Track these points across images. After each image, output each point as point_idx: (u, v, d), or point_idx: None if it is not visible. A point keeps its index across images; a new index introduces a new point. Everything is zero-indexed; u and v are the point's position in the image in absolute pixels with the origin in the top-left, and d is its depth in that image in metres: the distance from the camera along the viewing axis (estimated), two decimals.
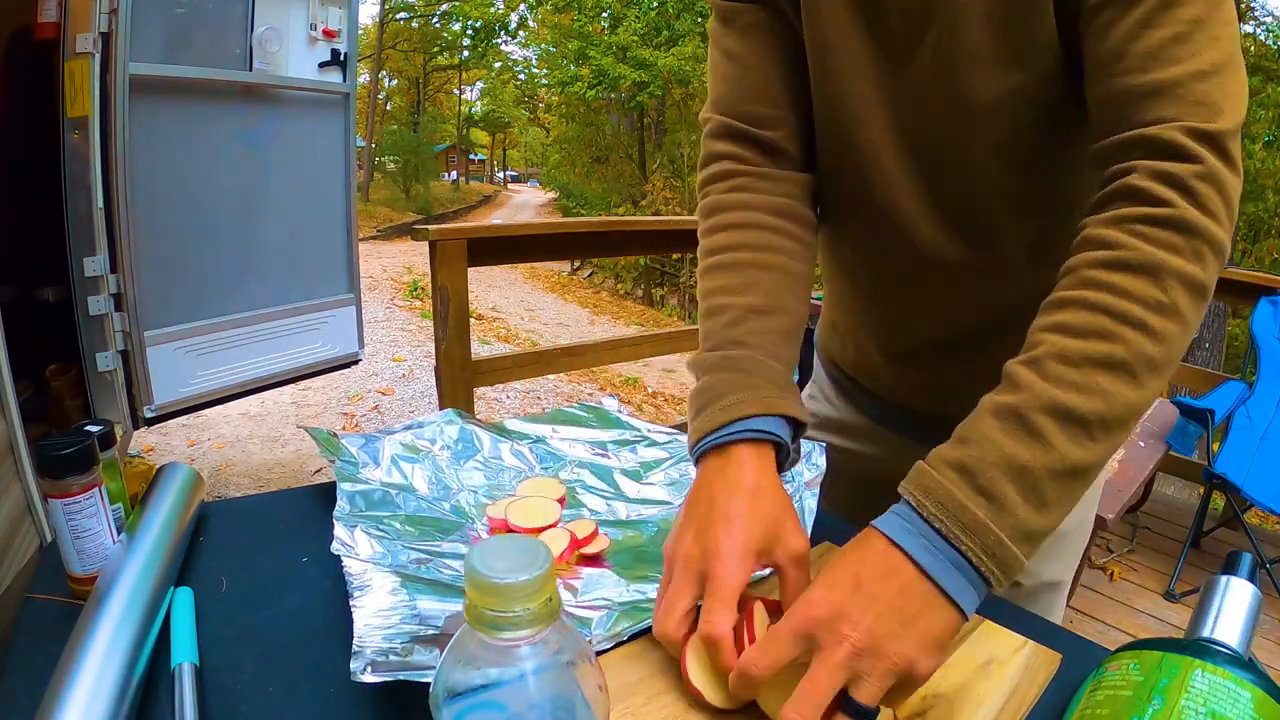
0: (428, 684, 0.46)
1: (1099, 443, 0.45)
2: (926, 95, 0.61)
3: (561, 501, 0.73)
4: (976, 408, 0.48)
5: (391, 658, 0.46)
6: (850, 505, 0.81)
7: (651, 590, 0.60)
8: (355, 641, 0.47)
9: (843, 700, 0.41)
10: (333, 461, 0.74)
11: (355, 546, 0.60)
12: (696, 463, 0.57)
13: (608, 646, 0.54)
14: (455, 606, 0.53)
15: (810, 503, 0.70)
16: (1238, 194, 0.48)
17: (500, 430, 0.88)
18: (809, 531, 0.66)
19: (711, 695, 0.47)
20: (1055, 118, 0.58)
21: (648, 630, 0.56)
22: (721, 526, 0.51)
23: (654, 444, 0.89)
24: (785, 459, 0.58)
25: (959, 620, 0.43)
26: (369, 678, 0.44)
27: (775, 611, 0.50)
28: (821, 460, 0.74)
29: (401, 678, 0.44)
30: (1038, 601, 0.75)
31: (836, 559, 0.46)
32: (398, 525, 0.66)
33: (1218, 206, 0.47)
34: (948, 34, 0.57)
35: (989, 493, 0.44)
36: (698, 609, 0.49)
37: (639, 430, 0.93)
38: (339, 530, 0.61)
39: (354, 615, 0.50)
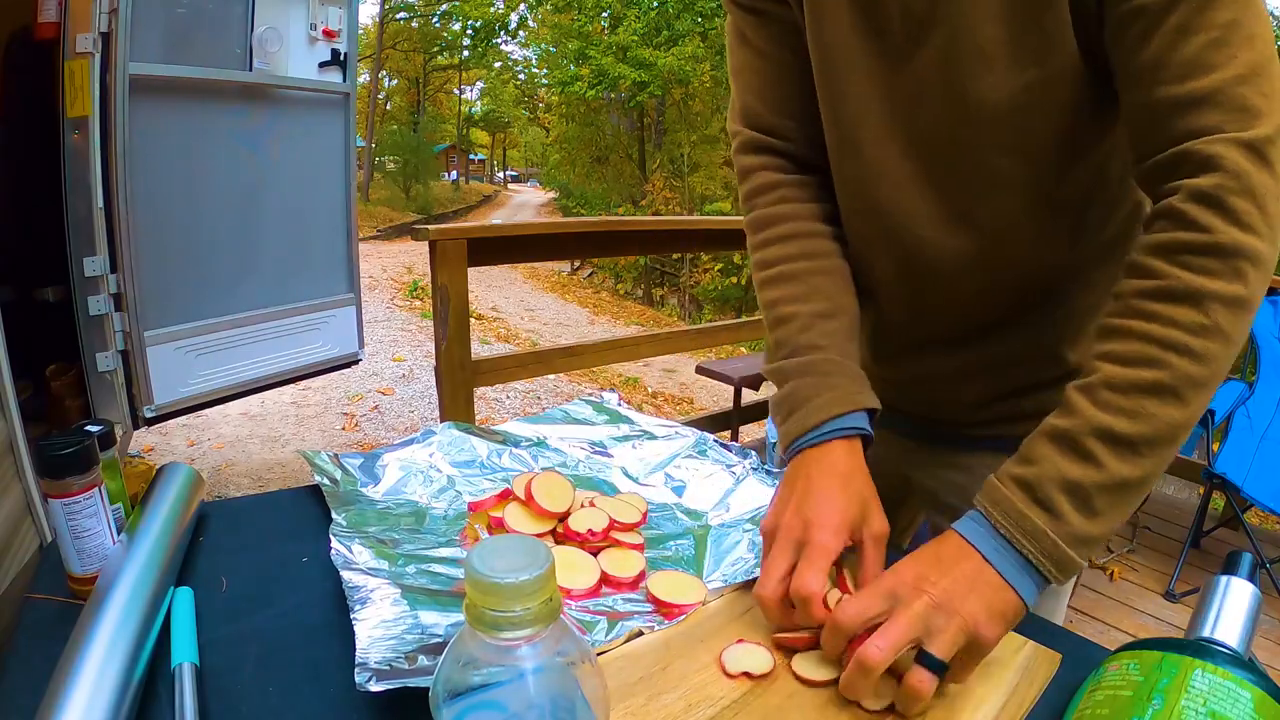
0: (429, 687, 0.46)
1: (1147, 459, 0.49)
2: (930, 94, 0.62)
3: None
4: (1038, 429, 0.53)
5: (396, 667, 0.46)
6: None
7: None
8: (358, 653, 0.47)
9: (920, 654, 0.48)
10: (333, 483, 0.73)
11: (354, 558, 0.60)
12: (789, 460, 0.64)
13: (608, 646, 0.54)
14: (456, 616, 0.53)
15: None
16: (1276, 196, 0.49)
17: (498, 437, 0.88)
18: None
19: (802, 668, 0.52)
20: (1068, 116, 0.59)
21: (647, 631, 0.56)
22: (821, 501, 0.57)
23: (653, 438, 0.89)
24: (868, 445, 0.64)
25: (1021, 605, 0.50)
26: (375, 687, 0.44)
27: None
28: None
29: (407, 684, 0.44)
30: (1039, 606, 0.75)
31: (919, 549, 0.53)
32: (396, 535, 0.66)
33: (1254, 219, 0.48)
34: (957, 33, 0.58)
35: (1046, 505, 0.50)
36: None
37: (638, 425, 0.93)
38: (336, 544, 0.60)
39: (355, 628, 0.50)
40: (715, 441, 0.87)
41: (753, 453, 0.83)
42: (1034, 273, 0.68)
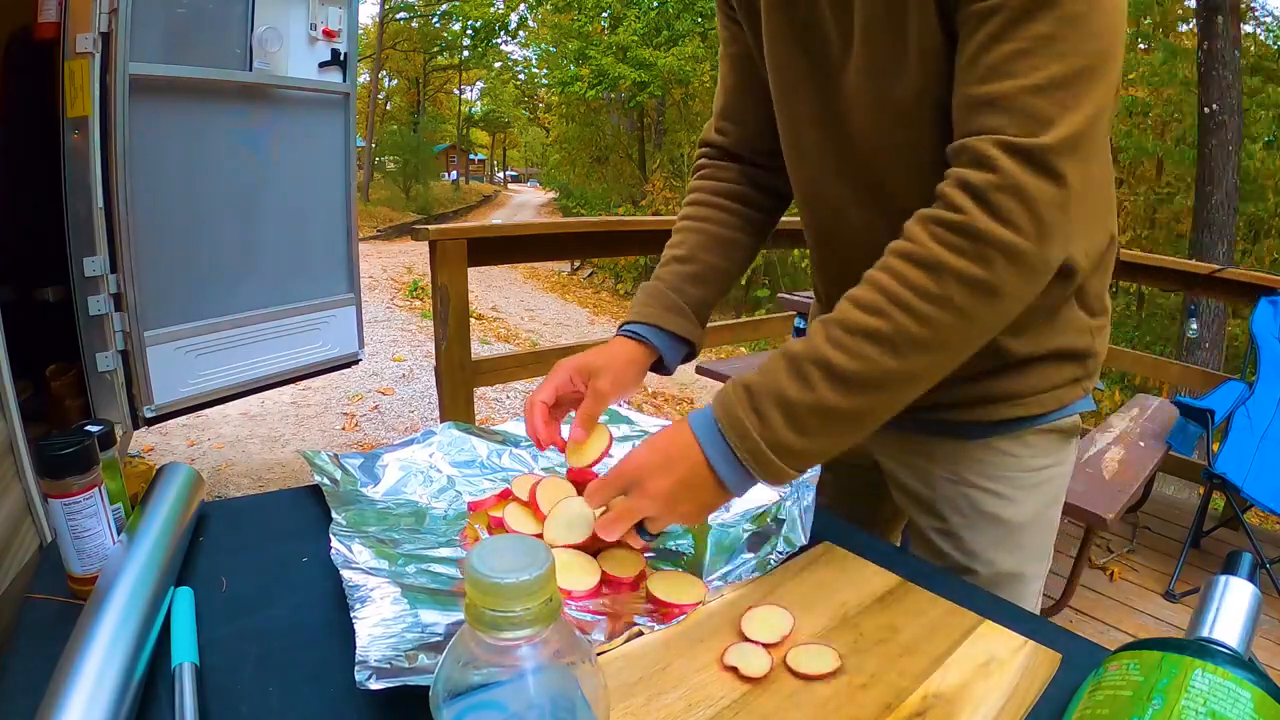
0: (429, 686, 0.46)
1: (857, 396, 0.55)
2: (855, 104, 0.68)
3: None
4: (780, 347, 0.60)
5: (396, 665, 0.46)
6: (835, 495, 0.93)
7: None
8: (358, 652, 0.47)
9: (638, 525, 0.61)
10: (333, 483, 0.73)
11: (354, 557, 0.60)
12: None
13: (607, 646, 0.54)
14: (456, 616, 0.53)
15: (808, 498, 0.70)
16: (1055, 202, 0.52)
17: (497, 437, 0.88)
18: (809, 529, 0.68)
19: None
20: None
21: (647, 631, 0.56)
22: (572, 357, 0.76)
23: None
24: (661, 363, 0.81)
25: (726, 495, 0.60)
26: (375, 685, 0.44)
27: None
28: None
29: (408, 683, 0.44)
30: (1000, 592, 0.76)
31: (658, 432, 0.62)
32: (396, 535, 0.66)
33: (1018, 217, 0.52)
34: (865, 47, 0.65)
35: (759, 412, 0.57)
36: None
37: (638, 425, 0.93)
38: (336, 544, 0.60)
39: (355, 626, 0.50)
40: None
41: None
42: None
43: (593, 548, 0.65)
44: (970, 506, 0.79)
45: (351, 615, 0.51)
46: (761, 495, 0.77)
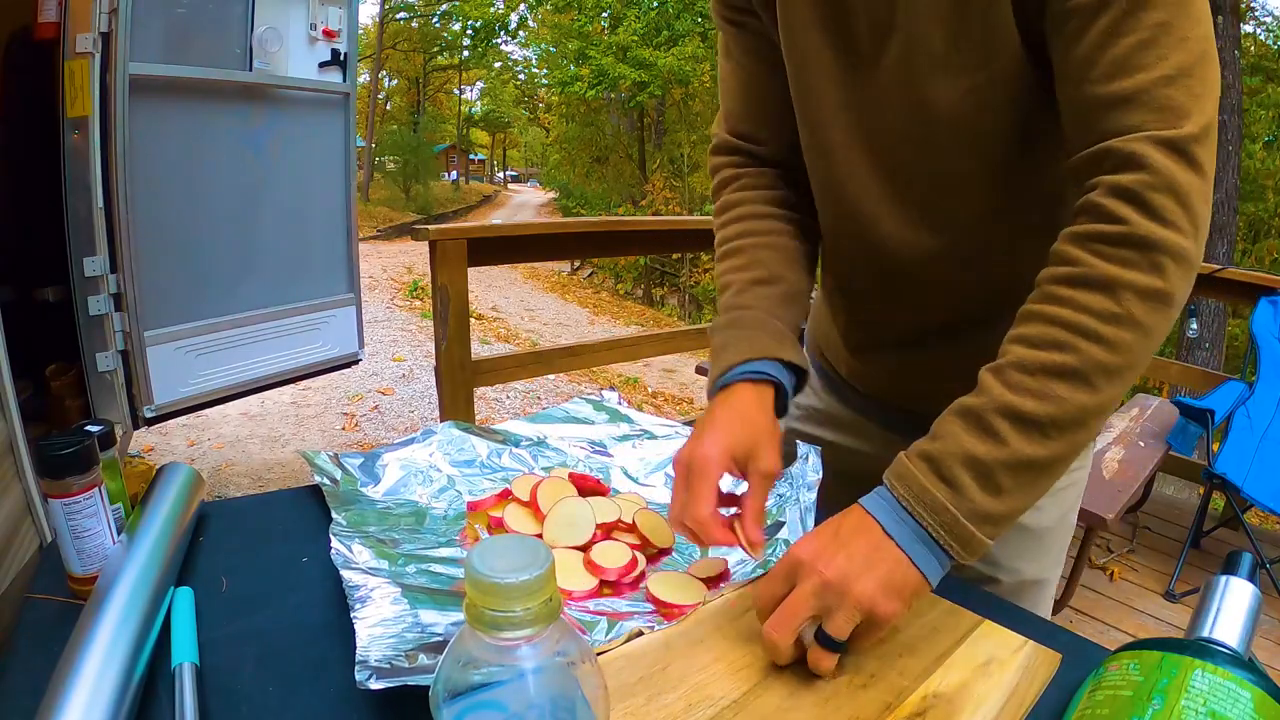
0: (429, 685, 0.46)
1: (1053, 440, 0.50)
2: (890, 99, 0.64)
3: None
4: (949, 407, 0.54)
5: (396, 665, 0.46)
6: (836, 499, 0.81)
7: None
8: (358, 651, 0.47)
9: (818, 632, 0.50)
10: (333, 483, 0.73)
11: (354, 557, 0.60)
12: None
13: (607, 646, 0.54)
14: (456, 616, 0.53)
15: (809, 497, 0.70)
16: (1202, 195, 0.50)
17: (498, 436, 0.88)
18: (810, 529, 0.67)
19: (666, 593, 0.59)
20: (1023, 119, 0.60)
21: (647, 631, 0.56)
22: (709, 433, 0.62)
23: (654, 438, 0.89)
24: (784, 399, 0.68)
25: (922, 582, 0.51)
26: (375, 685, 0.44)
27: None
28: (818, 463, 0.74)
29: (408, 682, 0.44)
30: (1022, 599, 0.76)
31: (823, 524, 0.54)
32: (396, 535, 0.66)
33: (1176, 216, 0.49)
34: (909, 39, 0.60)
35: (949, 480, 0.51)
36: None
37: (639, 424, 0.93)
38: (336, 544, 0.61)
39: (355, 626, 0.50)
40: None
41: None
42: (997, 273, 0.68)
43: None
44: None
45: (351, 615, 0.51)
46: None
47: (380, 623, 0.51)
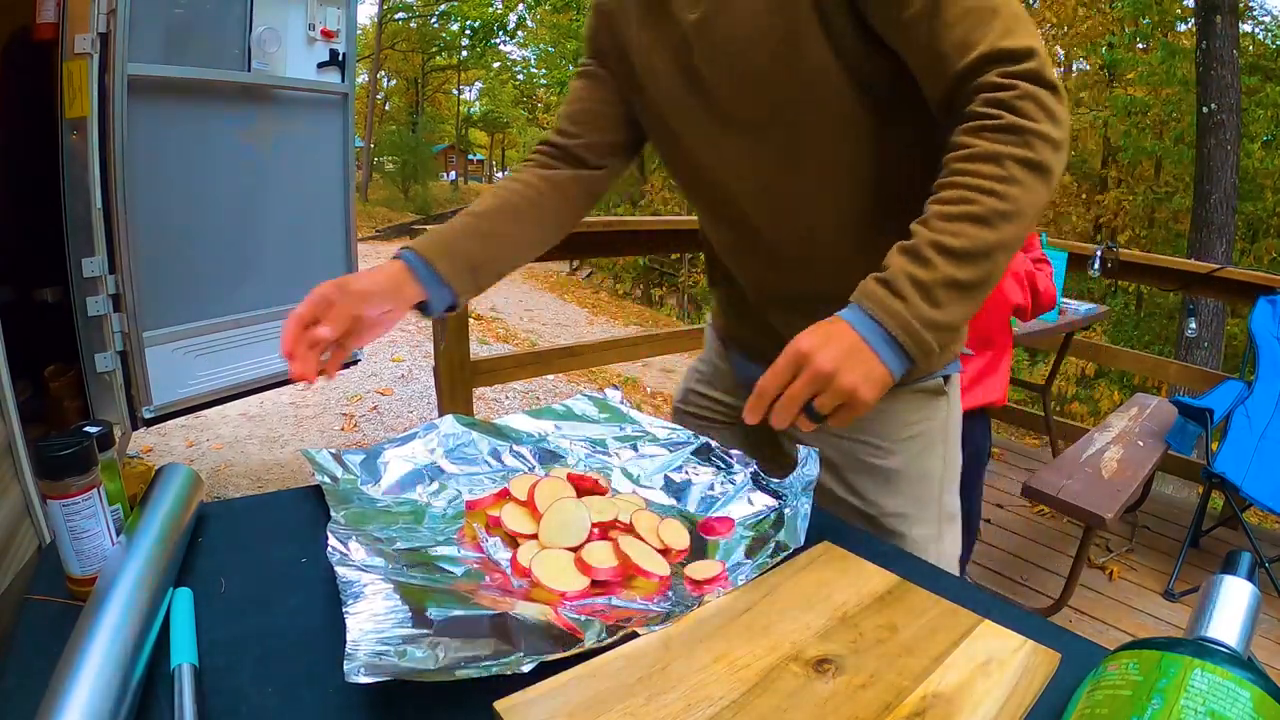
0: (424, 683, 0.46)
1: (970, 266, 0.66)
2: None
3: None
4: (892, 249, 0.69)
5: (385, 660, 0.46)
6: (741, 441, 0.99)
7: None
8: (348, 646, 0.47)
9: (805, 407, 0.65)
10: (333, 481, 0.73)
11: (350, 554, 0.60)
12: None
13: (602, 645, 0.54)
14: (449, 613, 0.53)
15: (805, 506, 0.70)
16: (1054, 98, 0.68)
17: (500, 433, 0.88)
18: (804, 530, 0.68)
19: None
20: (839, 103, 0.76)
21: (647, 633, 0.56)
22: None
23: (655, 440, 0.89)
24: (425, 287, 0.83)
25: (889, 376, 0.66)
26: (364, 679, 0.44)
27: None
28: (815, 466, 0.75)
29: (396, 677, 0.44)
30: (889, 535, 0.91)
31: (813, 327, 0.67)
32: (393, 533, 0.66)
33: (1037, 113, 0.67)
34: (730, 13, 0.76)
35: (901, 295, 0.66)
36: None
37: (640, 425, 0.93)
38: (333, 542, 0.61)
39: (347, 621, 0.50)
40: (718, 447, 0.87)
41: (754, 461, 0.83)
42: (839, 244, 0.84)
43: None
44: (851, 457, 0.92)
45: (344, 610, 0.51)
46: (762, 502, 0.77)
47: (371, 618, 0.51)
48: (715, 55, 0.79)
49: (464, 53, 24.15)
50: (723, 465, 0.84)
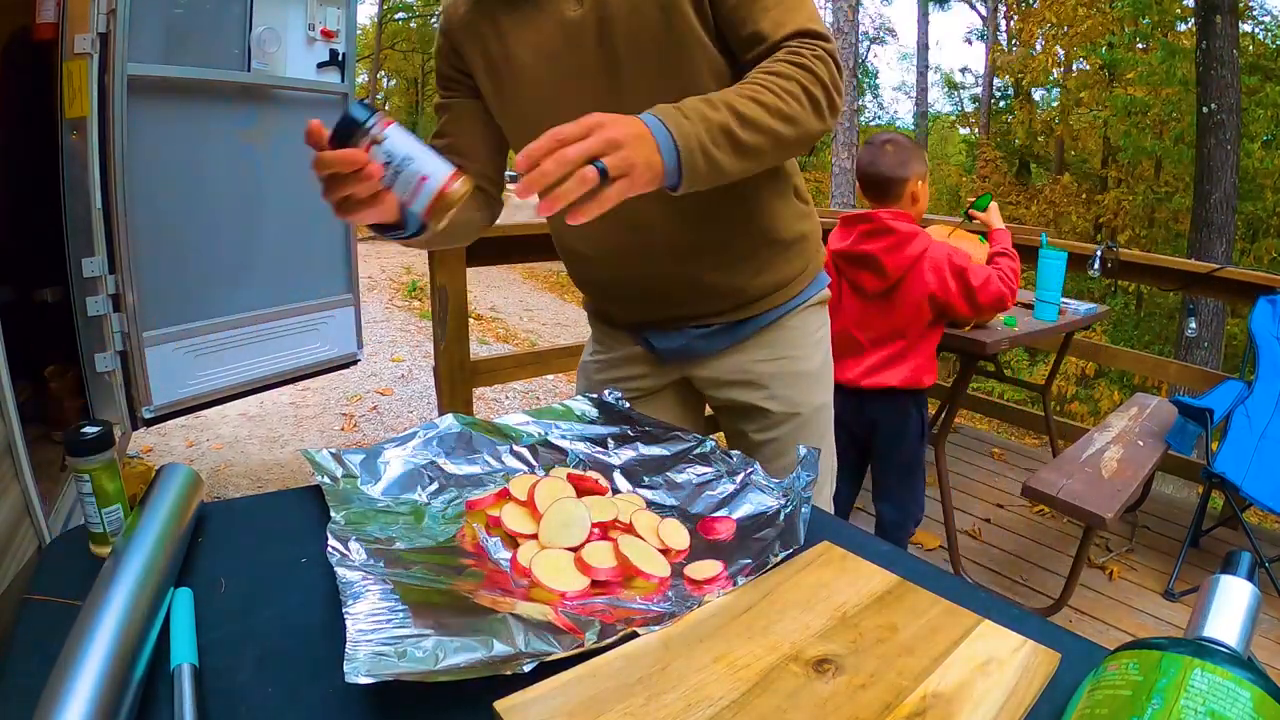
0: (423, 683, 0.46)
1: (748, 131, 0.82)
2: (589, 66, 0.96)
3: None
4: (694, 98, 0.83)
5: (385, 660, 0.46)
6: (660, 409, 1.20)
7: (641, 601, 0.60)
8: (348, 646, 0.47)
9: (593, 161, 0.72)
10: (333, 481, 0.74)
11: (349, 554, 0.60)
12: None
13: (602, 646, 0.54)
14: (449, 615, 0.53)
15: (805, 506, 0.70)
16: (828, 50, 0.90)
17: (500, 432, 0.88)
18: (804, 530, 0.68)
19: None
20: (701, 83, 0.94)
21: (647, 633, 0.56)
22: None
23: (655, 440, 0.89)
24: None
25: (661, 172, 0.77)
26: (363, 679, 0.44)
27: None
28: (815, 467, 0.75)
29: (397, 677, 0.44)
30: (820, 420, 1.18)
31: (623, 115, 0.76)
32: (393, 534, 0.66)
33: (827, 75, 0.88)
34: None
35: (689, 118, 0.79)
36: None
37: (641, 425, 0.93)
38: (333, 542, 0.61)
39: (346, 622, 0.50)
40: (718, 449, 0.87)
41: (755, 462, 0.83)
42: (685, 226, 1.01)
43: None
44: (785, 370, 1.14)
45: (344, 611, 0.51)
46: (763, 503, 0.77)
47: (370, 618, 0.51)
48: (609, 39, 0.93)
49: None
50: (723, 465, 0.84)
